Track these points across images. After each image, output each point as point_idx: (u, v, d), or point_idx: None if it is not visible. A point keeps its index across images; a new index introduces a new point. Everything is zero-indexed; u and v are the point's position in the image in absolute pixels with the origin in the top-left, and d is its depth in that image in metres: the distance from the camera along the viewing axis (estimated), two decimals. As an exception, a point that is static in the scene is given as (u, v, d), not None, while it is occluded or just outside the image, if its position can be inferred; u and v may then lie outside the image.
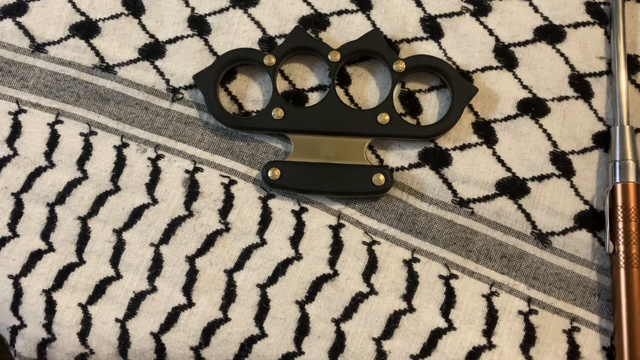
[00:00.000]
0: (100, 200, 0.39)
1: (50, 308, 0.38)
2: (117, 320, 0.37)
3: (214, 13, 0.42)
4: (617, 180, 0.37)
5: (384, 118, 0.39)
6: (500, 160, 0.39)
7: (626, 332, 0.35)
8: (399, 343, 0.37)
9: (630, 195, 0.36)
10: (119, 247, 0.39)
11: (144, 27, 0.42)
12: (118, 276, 0.38)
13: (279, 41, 0.41)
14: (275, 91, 0.39)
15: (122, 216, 0.39)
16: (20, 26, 0.42)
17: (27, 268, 0.38)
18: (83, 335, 0.37)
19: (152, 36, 0.42)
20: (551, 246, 0.38)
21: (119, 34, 0.42)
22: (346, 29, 0.41)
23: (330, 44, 0.40)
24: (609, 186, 0.37)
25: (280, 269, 0.38)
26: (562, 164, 0.39)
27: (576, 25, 0.41)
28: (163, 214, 0.39)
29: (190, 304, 0.38)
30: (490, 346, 0.37)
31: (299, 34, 0.40)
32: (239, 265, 0.38)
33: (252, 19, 0.42)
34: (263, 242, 0.38)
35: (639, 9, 0.41)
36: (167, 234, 0.39)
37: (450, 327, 0.37)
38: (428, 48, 0.41)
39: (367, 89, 0.41)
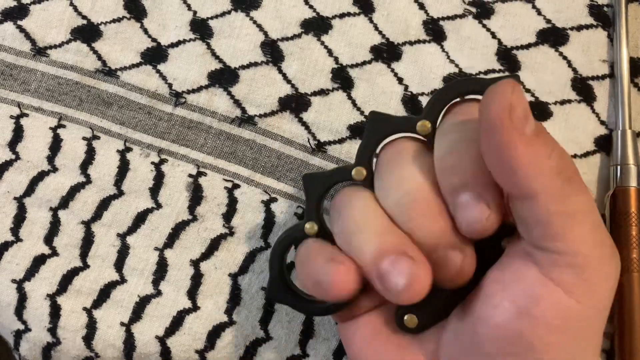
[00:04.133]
0: (103, 205, 0.39)
1: (55, 312, 0.38)
2: (122, 324, 0.38)
3: (216, 16, 0.42)
4: (619, 184, 0.37)
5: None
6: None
7: (627, 337, 0.35)
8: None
9: (632, 199, 0.37)
10: (123, 252, 0.39)
11: (146, 31, 0.42)
12: (123, 280, 0.38)
13: (281, 44, 0.41)
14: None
15: (126, 220, 0.39)
16: (22, 29, 0.42)
17: (31, 272, 0.38)
18: (88, 339, 0.37)
19: (154, 40, 0.41)
20: (553, 249, 0.38)
21: (121, 38, 0.41)
22: (348, 32, 0.41)
23: (332, 47, 0.40)
24: (611, 190, 0.37)
25: (285, 273, 0.38)
26: (564, 167, 0.39)
27: (579, 28, 0.41)
28: (167, 218, 0.39)
29: (195, 308, 0.38)
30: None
31: (377, 123, 0.30)
32: (244, 268, 0.38)
33: (254, 22, 0.41)
34: (267, 246, 0.39)
35: (641, 11, 0.41)
36: (172, 238, 0.39)
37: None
38: (430, 51, 0.41)
39: None
